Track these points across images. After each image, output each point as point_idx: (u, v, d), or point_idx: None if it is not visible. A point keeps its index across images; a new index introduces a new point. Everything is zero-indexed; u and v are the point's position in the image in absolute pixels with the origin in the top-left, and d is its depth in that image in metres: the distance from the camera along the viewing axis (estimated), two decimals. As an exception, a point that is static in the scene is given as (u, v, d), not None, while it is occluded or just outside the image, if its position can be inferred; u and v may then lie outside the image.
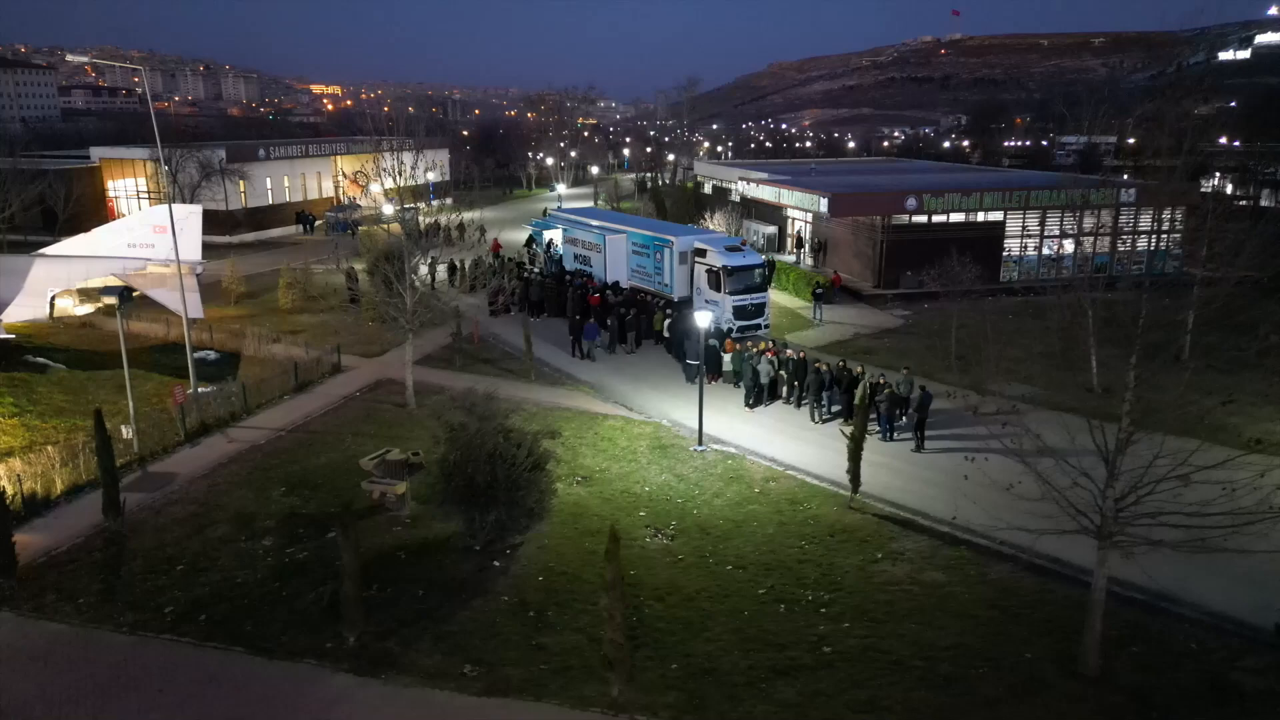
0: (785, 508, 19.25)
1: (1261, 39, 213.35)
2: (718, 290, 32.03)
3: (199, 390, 25.32)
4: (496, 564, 16.88)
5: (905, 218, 40.37)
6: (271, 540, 17.86)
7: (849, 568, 16.73)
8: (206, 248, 54.50)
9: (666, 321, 31.55)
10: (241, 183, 58.74)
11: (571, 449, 22.14)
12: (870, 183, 47.79)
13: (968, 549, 17.42)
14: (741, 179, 49.84)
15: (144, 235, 28.65)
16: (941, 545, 17.58)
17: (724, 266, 31.88)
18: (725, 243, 33.81)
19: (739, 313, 31.79)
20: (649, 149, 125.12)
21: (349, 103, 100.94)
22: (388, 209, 47.51)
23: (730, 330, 30.77)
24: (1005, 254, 41.11)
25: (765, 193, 46.75)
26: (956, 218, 40.74)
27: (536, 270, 41.25)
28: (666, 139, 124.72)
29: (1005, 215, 40.89)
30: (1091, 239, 42.11)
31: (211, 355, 30.93)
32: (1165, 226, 42.59)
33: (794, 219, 48.47)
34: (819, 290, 36.36)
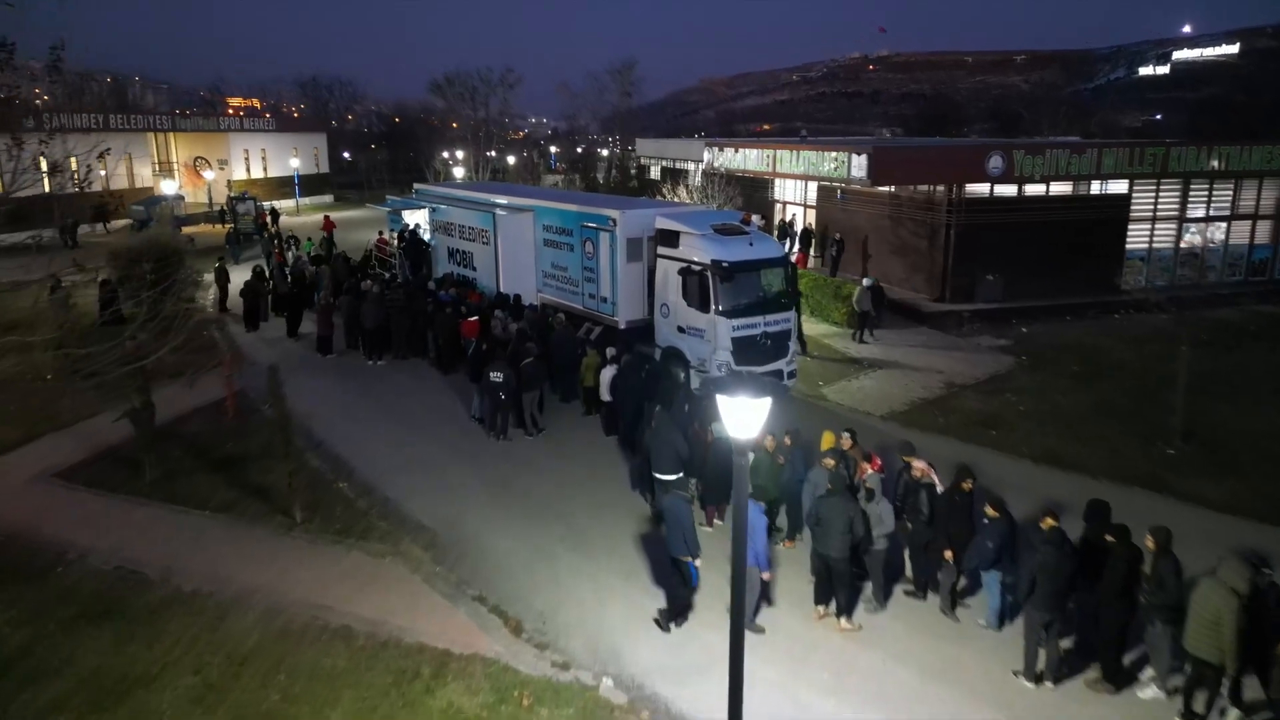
0: None
1: (1179, 55, 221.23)
2: (704, 307, 16.37)
3: None
4: None
5: (983, 190, 25.48)
6: None
7: None
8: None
9: (607, 371, 15.70)
10: (-6, 161, 40.94)
11: None
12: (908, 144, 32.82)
13: None
14: (712, 145, 34.20)
15: None
16: None
17: (715, 262, 16.21)
18: (713, 220, 17.99)
19: (745, 349, 16.17)
20: (579, 148, 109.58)
21: (267, 115, 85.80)
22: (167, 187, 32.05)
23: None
24: (1131, 247, 26.44)
25: (751, 160, 31.18)
26: (1058, 190, 25.99)
27: (385, 275, 24.89)
28: (598, 150, 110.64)
29: (1131, 187, 26.24)
30: (1249, 222, 28.14)
31: None
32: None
33: (785, 203, 33.19)
34: (877, 291, 22.47)
